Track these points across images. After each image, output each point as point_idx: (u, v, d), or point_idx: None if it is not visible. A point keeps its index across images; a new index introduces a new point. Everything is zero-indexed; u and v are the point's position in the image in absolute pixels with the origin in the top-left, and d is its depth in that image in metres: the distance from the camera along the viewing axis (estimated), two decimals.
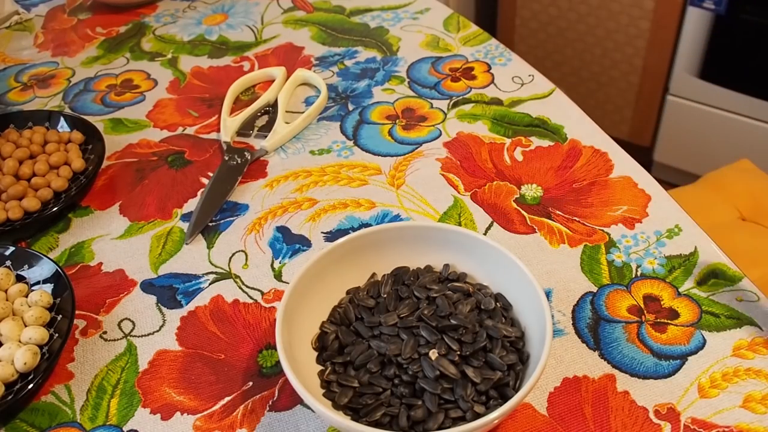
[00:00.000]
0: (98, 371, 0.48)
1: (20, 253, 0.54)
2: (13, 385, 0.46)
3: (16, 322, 0.48)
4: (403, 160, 0.64)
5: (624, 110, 1.72)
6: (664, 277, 0.51)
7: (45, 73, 0.82)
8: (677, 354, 0.46)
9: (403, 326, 0.43)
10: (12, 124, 0.68)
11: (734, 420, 0.42)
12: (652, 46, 1.58)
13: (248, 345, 0.49)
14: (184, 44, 0.85)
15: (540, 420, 0.43)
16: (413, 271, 0.48)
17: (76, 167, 0.64)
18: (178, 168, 0.66)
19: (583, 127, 0.66)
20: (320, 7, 0.91)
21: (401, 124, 0.68)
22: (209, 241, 0.57)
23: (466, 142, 0.65)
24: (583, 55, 1.71)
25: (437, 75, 0.75)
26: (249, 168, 0.64)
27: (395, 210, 0.59)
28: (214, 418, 0.45)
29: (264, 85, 0.77)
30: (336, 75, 0.77)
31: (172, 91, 0.77)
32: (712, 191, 1.14)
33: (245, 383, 0.47)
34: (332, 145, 0.66)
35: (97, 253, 0.57)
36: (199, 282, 0.54)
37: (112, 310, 0.52)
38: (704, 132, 1.60)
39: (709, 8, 1.43)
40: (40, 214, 0.60)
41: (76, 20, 0.94)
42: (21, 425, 0.45)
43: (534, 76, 0.73)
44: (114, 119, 0.73)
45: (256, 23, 0.88)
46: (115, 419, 0.45)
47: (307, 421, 0.44)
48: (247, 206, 0.60)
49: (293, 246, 0.56)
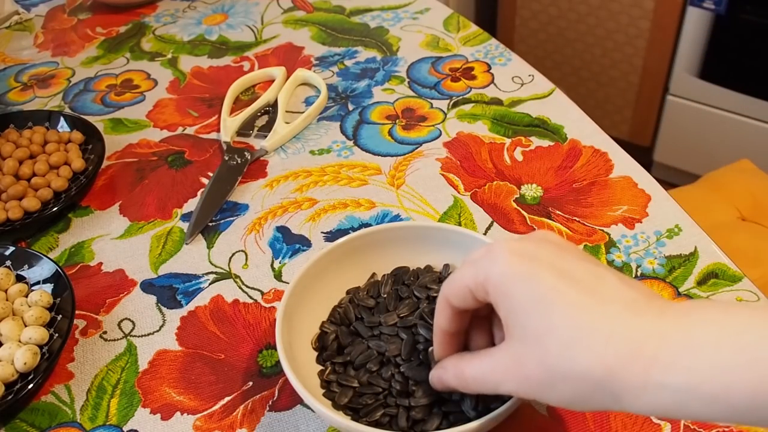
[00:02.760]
0: (98, 371, 0.48)
1: (20, 253, 0.54)
2: (13, 385, 0.46)
3: (16, 322, 0.48)
4: (403, 160, 0.64)
5: (624, 110, 1.72)
6: (664, 277, 0.51)
7: (45, 73, 0.82)
8: None
9: (402, 326, 0.43)
10: (12, 124, 0.68)
11: None
12: (652, 46, 1.58)
13: (248, 345, 0.49)
14: (184, 44, 0.85)
15: (540, 420, 0.43)
16: (413, 271, 0.48)
17: (76, 167, 0.64)
18: (178, 168, 0.66)
19: (583, 127, 0.66)
20: (320, 7, 0.91)
21: (401, 124, 0.68)
22: (209, 241, 0.57)
23: (466, 142, 0.65)
24: (583, 55, 1.71)
25: (437, 75, 0.75)
26: (249, 168, 0.64)
27: (395, 210, 0.59)
28: (214, 418, 0.45)
29: (264, 85, 0.77)
30: (336, 75, 0.77)
31: (172, 91, 0.77)
32: (712, 191, 1.14)
33: (245, 383, 0.47)
34: (332, 145, 0.66)
35: (97, 253, 0.57)
36: (199, 282, 0.54)
37: (112, 310, 0.52)
38: (704, 132, 1.60)
39: (709, 8, 1.42)
40: (40, 214, 0.60)
41: (76, 20, 0.94)
42: (21, 425, 0.45)
43: (534, 76, 0.73)
44: (114, 119, 0.73)
45: (256, 23, 0.88)
46: (115, 419, 0.45)
47: (307, 421, 0.44)
48: (247, 206, 0.60)
49: (293, 246, 0.56)
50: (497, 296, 0.32)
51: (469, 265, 0.34)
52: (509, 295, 0.32)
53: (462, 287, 0.34)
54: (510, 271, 0.32)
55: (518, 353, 0.32)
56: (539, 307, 0.31)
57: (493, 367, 0.34)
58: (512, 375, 0.32)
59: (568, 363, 0.30)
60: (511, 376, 0.32)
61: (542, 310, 0.31)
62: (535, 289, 0.31)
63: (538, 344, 0.31)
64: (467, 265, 0.34)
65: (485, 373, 0.34)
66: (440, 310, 0.37)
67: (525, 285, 0.31)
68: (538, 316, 0.31)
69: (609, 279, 0.31)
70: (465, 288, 0.34)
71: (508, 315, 0.32)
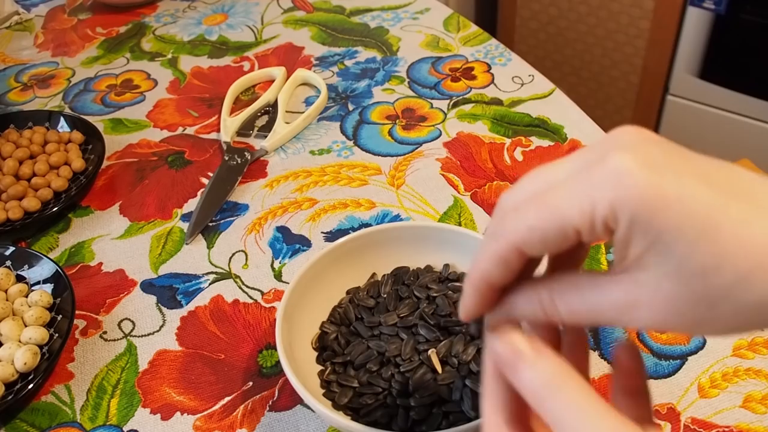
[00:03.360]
0: (98, 371, 0.48)
1: (20, 253, 0.54)
2: (13, 385, 0.46)
3: (16, 322, 0.48)
4: (403, 160, 0.64)
5: (624, 110, 1.72)
6: None
7: (45, 73, 0.82)
8: (677, 354, 0.46)
9: (402, 326, 0.43)
10: (12, 124, 0.68)
11: (734, 420, 0.42)
12: (652, 46, 1.58)
13: (248, 345, 0.49)
14: (184, 44, 0.85)
15: None
16: (413, 271, 0.48)
17: (76, 167, 0.64)
18: (178, 168, 0.66)
19: (583, 127, 0.66)
20: (320, 7, 0.91)
21: (401, 124, 0.68)
22: (209, 241, 0.57)
23: (466, 142, 0.65)
24: (583, 55, 1.71)
25: (437, 75, 0.75)
26: (249, 168, 0.64)
27: (395, 210, 0.59)
28: (214, 418, 0.45)
29: (264, 85, 0.77)
30: (336, 75, 0.77)
31: (172, 91, 0.77)
32: None
33: (245, 383, 0.47)
34: (332, 145, 0.66)
35: (97, 253, 0.57)
36: (199, 282, 0.54)
37: (112, 310, 0.52)
38: (704, 132, 1.60)
39: (709, 8, 1.42)
40: (40, 214, 0.60)
41: (76, 20, 0.94)
42: (21, 425, 0.45)
43: (534, 76, 0.73)
44: (114, 119, 0.73)
45: (256, 23, 0.88)
46: (115, 419, 0.45)
47: (307, 421, 0.44)
48: (247, 206, 0.60)
49: (293, 246, 0.56)
50: (632, 233, 0.24)
51: (565, 191, 0.25)
52: (655, 223, 0.23)
53: (562, 224, 0.25)
54: (654, 193, 0.23)
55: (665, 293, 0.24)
56: (704, 234, 0.23)
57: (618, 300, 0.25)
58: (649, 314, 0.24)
59: (746, 295, 0.23)
60: (648, 315, 0.24)
61: (708, 238, 0.23)
62: (694, 211, 0.23)
63: (704, 279, 0.23)
64: (565, 197, 0.25)
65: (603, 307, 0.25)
66: (498, 258, 0.26)
67: (679, 207, 0.23)
68: (704, 246, 0.23)
69: (750, 177, 0.25)
70: (567, 225, 0.24)
71: (650, 249, 0.24)
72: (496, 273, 0.27)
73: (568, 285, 0.26)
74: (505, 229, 0.26)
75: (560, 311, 0.26)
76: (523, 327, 0.28)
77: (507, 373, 0.27)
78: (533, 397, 0.26)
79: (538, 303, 0.27)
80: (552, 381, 0.25)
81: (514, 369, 0.26)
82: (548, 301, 0.27)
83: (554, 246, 0.25)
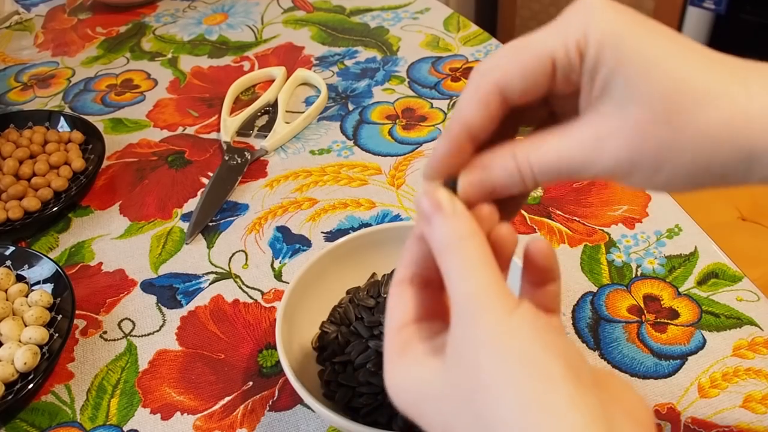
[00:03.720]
0: (98, 371, 0.48)
1: (20, 253, 0.54)
2: (13, 384, 0.46)
3: (16, 321, 0.48)
4: (403, 160, 0.64)
5: None
6: (664, 276, 0.51)
7: (45, 73, 0.82)
8: (677, 354, 0.46)
9: None
10: (12, 124, 0.68)
11: (734, 420, 0.42)
12: None
13: (248, 345, 0.49)
14: (184, 44, 0.85)
15: None
16: None
17: (76, 167, 0.64)
18: (178, 168, 0.66)
19: None
20: (320, 6, 0.91)
21: (401, 124, 0.68)
22: (209, 240, 0.57)
23: None
24: None
25: (437, 75, 0.75)
26: (249, 168, 0.64)
27: (395, 210, 0.59)
28: (214, 418, 0.45)
29: (264, 84, 0.77)
30: (336, 75, 0.77)
31: (172, 91, 0.77)
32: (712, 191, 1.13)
33: (245, 383, 0.47)
34: (332, 145, 0.66)
35: (97, 252, 0.57)
36: (199, 282, 0.54)
37: (112, 310, 0.52)
38: None
39: (709, 8, 1.43)
40: (40, 213, 0.60)
41: (76, 20, 0.94)
42: (21, 425, 0.45)
43: None
44: (114, 119, 0.73)
45: (256, 23, 0.88)
46: (115, 419, 0.45)
47: (307, 421, 0.44)
48: (247, 206, 0.60)
49: (293, 246, 0.56)
50: (601, 54, 0.26)
51: (542, 32, 0.27)
52: (620, 49, 0.25)
53: (541, 57, 0.26)
54: (618, 22, 0.26)
55: (630, 117, 0.26)
56: (664, 61, 0.25)
57: (585, 139, 0.26)
58: (616, 144, 0.26)
59: (702, 118, 0.25)
60: (615, 145, 0.26)
61: (669, 65, 0.25)
62: (655, 41, 0.25)
63: (663, 103, 0.25)
64: (542, 33, 0.27)
65: (572, 150, 0.27)
66: (479, 100, 0.27)
67: (642, 37, 0.25)
68: (664, 72, 0.25)
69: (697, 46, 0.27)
70: (546, 58, 0.26)
71: (615, 72, 0.25)
72: (477, 117, 0.27)
73: (539, 139, 0.27)
74: (486, 68, 0.27)
75: (532, 165, 0.27)
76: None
77: (424, 228, 0.28)
78: (437, 250, 0.27)
79: (512, 159, 0.28)
80: (457, 237, 0.26)
81: (429, 222, 0.27)
82: (522, 156, 0.27)
83: (533, 83, 0.27)
